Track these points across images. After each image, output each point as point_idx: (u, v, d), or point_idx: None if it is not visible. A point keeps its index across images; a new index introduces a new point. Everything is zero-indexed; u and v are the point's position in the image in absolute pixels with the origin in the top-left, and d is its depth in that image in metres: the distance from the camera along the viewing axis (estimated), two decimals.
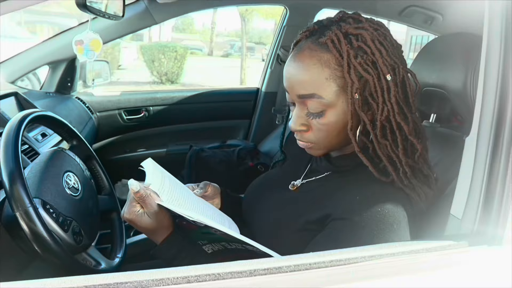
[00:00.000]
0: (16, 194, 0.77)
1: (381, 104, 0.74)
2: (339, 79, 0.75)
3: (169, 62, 10.77)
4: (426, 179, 0.79)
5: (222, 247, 0.83)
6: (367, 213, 0.71)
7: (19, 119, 0.89)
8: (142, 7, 1.93)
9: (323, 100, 0.76)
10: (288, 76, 0.80)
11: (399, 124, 0.74)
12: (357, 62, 0.73)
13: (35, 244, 0.79)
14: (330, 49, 0.75)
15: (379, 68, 0.73)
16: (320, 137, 0.80)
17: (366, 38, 0.74)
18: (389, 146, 0.75)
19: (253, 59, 15.57)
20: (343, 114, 0.77)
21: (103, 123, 2.24)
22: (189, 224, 0.79)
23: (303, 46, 0.78)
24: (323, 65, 0.75)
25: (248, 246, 0.75)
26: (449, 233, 0.69)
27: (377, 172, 0.77)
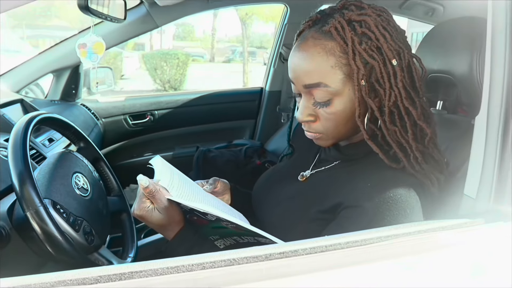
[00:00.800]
0: (26, 195, 0.77)
1: (388, 89, 0.73)
2: (345, 67, 0.74)
3: (171, 70, 10.81)
4: (437, 164, 0.78)
5: (234, 241, 0.82)
6: (379, 199, 0.70)
7: (26, 120, 0.89)
8: (143, 11, 1.94)
9: (330, 89, 0.75)
10: (293, 66, 0.79)
11: (407, 109, 0.74)
12: (362, 48, 0.73)
13: (47, 244, 0.78)
14: (334, 37, 0.74)
15: (384, 54, 0.73)
16: (328, 127, 0.80)
17: (369, 24, 0.74)
18: (398, 132, 0.75)
19: (254, 63, 15.59)
20: (350, 102, 0.76)
21: (109, 129, 2.25)
22: (200, 219, 0.79)
23: (307, 36, 0.78)
24: (327, 53, 0.74)
25: (261, 238, 0.74)
26: (464, 212, 0.68)
27: (387, 159, 0.76)
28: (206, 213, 0.74)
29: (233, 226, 0.74)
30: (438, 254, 0.57)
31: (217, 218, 0.74)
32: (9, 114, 1.36)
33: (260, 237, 0.74)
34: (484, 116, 0.68)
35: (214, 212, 0.73)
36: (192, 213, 0.78)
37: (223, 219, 0.73)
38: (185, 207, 0.77)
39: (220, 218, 0.73)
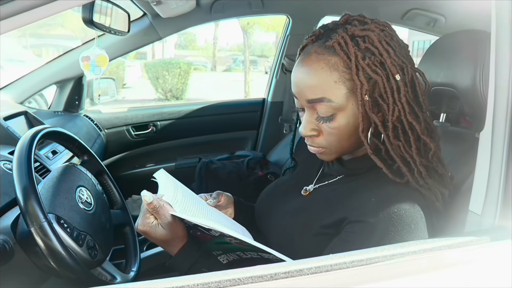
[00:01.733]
0: (30, 210, 0.77)
1: (392, 104, 0.73)
2: (348, 82, 0.74)
3: (173, 79, 10.86)
4: (441, 178, 0.78)
5: (237, 256, 0.82)
6: (383, 214, 0.70)
7: (31, 135, 0.90)
8: (146, 23, 1.96)
9: (333, 104, 0.75)
10: (296, 81, 0.79)
11: (411, 123, 0.74)
12: (365, 63, 0.73)
13: (51, 259, 0.78)
14: (337, 52, 0.74)
15: (387, 69, 0.73)
16: (331, 141, 0.79)
17: (373, 39, 0.74)
18: (402, 146, 0.75)
19: (256, 72, 15.65)
20: (353, 116, 0.76)
21: (111, 140, 2.25)
22: (203, 234, 0.78)
23: (310, 51, 0.78)
24: (331, 68, 0.74)
25: (264, 254, 0.74)
26: (470, 229, 0.68)
27: (391, 173, 0.76)
28: (209, 228, 0.74)
29: (237, 241, 0.74)
30: (445, 274, 0.56)
31: (221, 233, 0.74)
32: (13, 126, 1.36)
33: (263, 253, 0.73)
34: (489, 131, 0.68)
35: (217, 227, 0.73)
36: (195, 229, 0.78)
37: (227, 235, 0.73)
38: (188, 222, 0.77)
39: (223, 234, 0.73)
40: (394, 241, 0.68)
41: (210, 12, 2.00)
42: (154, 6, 1.67)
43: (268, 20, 11.89)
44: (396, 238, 0.68)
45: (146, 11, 1.89)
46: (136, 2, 1.69)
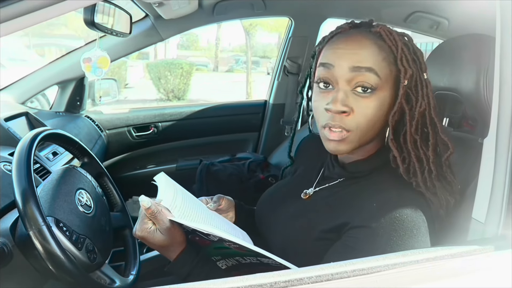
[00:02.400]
0: (29, 213, 0.77)
1: (420, 97, 0.77)
2: (392, 65, 0.77)
3: (175, 79, 10.86)
4: (449, 185, 0.77)
5: (236, 262, 0.81)
6: (385, 219, 0.70)
7: (31, 137, 0.89)
8: (148, 24, 1.95)
9: (378, 79, 0.75)
10: (342, 48, 0.77)
11: (433, 119, 0.77)
12: (407, 53, 0.77)
13: (49, 263, 0.78)
14: (383, 37, 0.78)
15: (418, 66, 0.78)
16: (360, 123, 0.76)
17: (408, 38, 0.81)
18: (419, 141, 0.77)
19: (258, 73, 15.65)
20: (385, 101, 0.77)
21: (112, 141, 2.25)
22: (202, 240, 0.78)
23: (353, 32, 0.80)
24: (379, 48, 0.77)
25: (264, 258, 0.73)
26: (473, 237, 0.67)
27: (403, 168, 0.76)
28: (208, 233, 0.73)
29: (236, 246, 0.73)
30: (448, 284, 0.55)
31: (220, 238, 0.73)
32: (14, 127, 1.36)
33: (263, 258, 0.73)
34: (493, 138, 0.68)
35: (216, 232, 0.72)
36: (194, 234, 0.77)
37: (226, 240, 0.72)
38: (187, 227, 0.76)
39: (222, 239, 0.72)
40: (396, 246, 0.67)
41: (212, 13, 1.99)
42: (156, 7, 1.66)
43: (270, 21, 11.88)
44: (398, 243, 0.68)
45: (148, 12, 1.89)
46: (138, 3, 1.69)
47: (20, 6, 0.64)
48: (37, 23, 0.69)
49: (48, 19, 0.68)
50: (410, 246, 0.67)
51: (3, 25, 0.65)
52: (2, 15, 0.64)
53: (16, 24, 0.66)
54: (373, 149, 0.84)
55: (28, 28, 0.71)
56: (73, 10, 0.69)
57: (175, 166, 2.37)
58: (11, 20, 0.65)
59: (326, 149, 0.81)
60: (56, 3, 0.65)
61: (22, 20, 0.66)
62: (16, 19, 0.66)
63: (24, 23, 0.67)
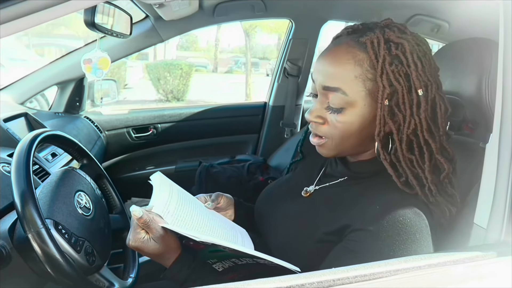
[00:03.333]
0: (28, 215, 0.76)
1: (409, 117, 0.73)
2: (368, 82, 0.75)
3: (174, 80, 10.85)
4: (450, 198, 0.76)
5: (233, 263, 0.80)
6: (388, 223, 0.69)
7: (30, 139, 0.89)
8: (148, 25, 1.95)
9: (346, 97, 0.75)
10: (319, 65, 0.80)
11: (427, 141, 0.73)
12: (391, 69, 0.73)
13: (48, 266, 0.77)
14: (367, 49, 0.75)
15: (411, 81, 0.73)
16: (334, 134, 0.79)
17: (405, 49, 0.74)
18: (415, 161, 0.74)
19: (257, 74, 15.63)
20: (362, 117, 0.76)
21: (112, 142, 2.24)
22: (196, 244, 0.77)
23: (342, 41, 0.79)
24: (356, 63, 0.75)
25: (260, 260, 0.73)
26: (475, 243, 0.67)
27: (401, 183, 0.75)
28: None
29: (231, 249, 0.73)
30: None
31: (213, 244, 0.72)
32: (13, 128, 1.35)
33: (258, 258, 0.72)
34: (495, 143, 0.67)
35: (208, 239, 0.71)
36: (188, 239, 0.77)
37: (219, 245, 0.72)
38: (179, 234, 0.75)
39: (216, 244, 0.72)
40: (399, 250, 0.67)
41: (213, 15, 1.99)
42: (157, 8, 1.66)
43: (270, 22, 11.88)
44: (401, 248, 0.67)
45: (148, 13, 1.88)
46: (138, 4, 1.68)
47: (22, 7, 0.64)
48: (38, 24, 0.69)
49: (49, 20, 0.68)
50: (412, 250, 0.67)
51: (4, 26, 0.65)
52: (4, 16, 0.64)
53: (16, 25, 0.66)
54: (375, 153, 0.84)
55: None
56: (74, 11, 0.69)
57: (174, 167, 2.36)
58: (11, 21, 0.65)
59: None
60: (57, 5, 0.65)
61: (22, 21, 0.66)
62: (16, 20, 0.65)
63: (25, 25, 0.67)
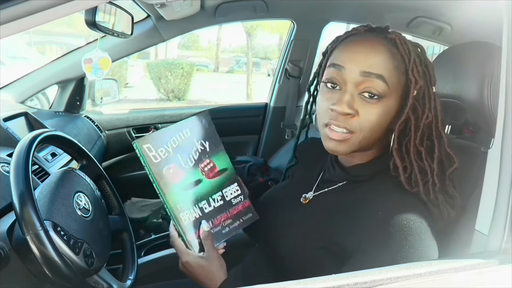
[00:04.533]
0: (26, 217, 0.76)
1: (427, 110, 0.76)
2: (402, 75, 0.77)
3: (175, 79, 10.85)
4: (451, 199, 0.76)
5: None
6: (393, 229, 0.69)
7: (29, 140, 0.88)
8: (150, 25, 1.94)
9: (386, 87, 0.75)
10: (356, 51, 0.77)
11: (440, 133, 0.77)
12: (417, 64, 0.76)
13: (46, 268, 0.77)
14: (397, 45, 0.77)
15: (427, 78, 0.78)
16: (363, 127, 0.76)
17: (421, 49, 0.80)
18: (424, 153, 0.76)
19: (258, 74, 15.62)
20: (390, 109, 0.77)
21: (112, 142, 2.24)
22: (175, 172, 0.81)
23: (368, 36, 0.79)
24: (392, 55, 0.76)
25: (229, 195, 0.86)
26: (476, 250, 0.66)
27: (405, 177, 0.75)
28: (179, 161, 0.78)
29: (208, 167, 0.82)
30: None
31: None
32: (13, 128, 1.35)
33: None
34: (498, 149, 0.67)
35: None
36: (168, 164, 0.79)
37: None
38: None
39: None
40: (411, 254, 0.67)
41: (214, 15, 1.98)
42: (158, 8, 1.65)
43: (272, 22, 11.87)
44: (411, 251, 0.67)
45: (150, 13, 1.88)
46: (140, 4, 1.68)
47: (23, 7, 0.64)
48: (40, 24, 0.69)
49: (51, 21, 0.68)
50: (422, 250, 0.68)
51: (5, 26, 0.65)
52: (6, 16, 0.63)
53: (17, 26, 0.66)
54: (374, 154, 0.84)
55: None
56: (77, 11, 0.69)
57: None
58: (12, 22, 0.65)
59: (325, 148, 0.81)
60: (60, 5, 0.64)
61: (24, 21, 0.65)
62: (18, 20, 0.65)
63: (27, 24, 0.66)
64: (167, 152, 0.80)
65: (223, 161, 0.85)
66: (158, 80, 10.95)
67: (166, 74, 10.83)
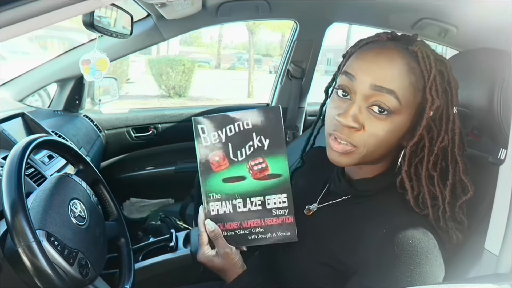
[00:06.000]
0: (18, 227, 0.73)
1: (444, 132, 0.72)
2: (418, 92, 0.72)
3: (177, 76, 10.81)
4: (459, 225, 0.74)
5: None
6: (398, 248, 0.66)
7: (23, 146, 0.85)
8: (150, 24, 1.91)
9: (397, 103, 0.70)
10: (371, 62, 0.72)
11: (456, 158, 0.72)
12: (437, 83, 0.71)
13: (38, 280, 0.74)
14: (418, 59, 0.72)
15: (449, 98, 0.72)
16: (367, 143, 0.73)
17: (446, 65, 0.73)
18: (436, 179, 0.72)
19: (260, 72, 15.60)
20: (400, 126, 0.72)
21: (111, 141, 2.22)
22: (219, 162, 0.80)
23: (390, 45, 0.74)
24: (410, 70, 0.71)
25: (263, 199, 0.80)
26: (485, 271, 0.63)
27: (413, 198, 0.73)
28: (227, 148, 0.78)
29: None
30: None
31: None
32: (9, 129, 1.32)
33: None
34: (509, 164, 0.64)
35: None
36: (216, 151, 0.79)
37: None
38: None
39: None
40: (416, 274, 0.65)
41: (216, 14, 1.95)
42: (159, 8, 1.62)
43: (274, 21, 11.81)
44: (417, 272, 0.65)
45: (150, 12, 1.85)
46: (140, 3, 1.65)
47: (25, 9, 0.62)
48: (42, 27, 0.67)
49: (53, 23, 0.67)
50: (428, 271, 0.65)
51: (6, 29, 0.63)
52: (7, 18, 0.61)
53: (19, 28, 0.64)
54: (382, 168, 0.81)
55: None
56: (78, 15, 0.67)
57: (174, 168, 2.33)
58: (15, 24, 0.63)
59: (328, 157, 0.78)
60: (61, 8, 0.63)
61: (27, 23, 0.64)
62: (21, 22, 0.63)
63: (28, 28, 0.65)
64: (219, 138, 0.78)
65: (279, 166, 0.77)
66: (159, 77, 10.92)
67: (167, 71, 10.79)
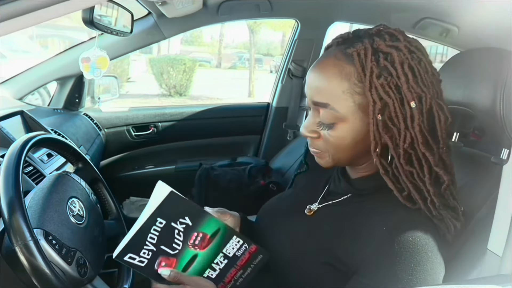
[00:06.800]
0: (15, 226, 0.72)
1: (403, 130, 0.70)
2: (357, 96, 0.71)
3: (177, 75, 10.80)
4: (453, 212, 0.73)
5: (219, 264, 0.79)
6: (399, 246, 0.66)
7: (21, 144, 0.85)
8: (151, 22, 1.90)
9: (336, 113, 0.72)
10: (309, 81, 0.77)
11: (424, 154, 0.70)
12: (379, 82, 0.69)
13: (35, 280, 0.73)
14: (354, 62, 0.70)
15: (403, 93, 0.69)
16: (329, 148, 0.77)
17: (394, 59, 0.69)
18: (416, 174, 0.71)
19: (261, 71, 15.57)
20: (354, 131, 0.73)
21: (111, 140, 2.21)
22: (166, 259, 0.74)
23: (331, 53, 0.75)
24: (343, 77, 0.71)
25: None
26: (488, 272, 0.63)
27: (402, 198, 0.72)
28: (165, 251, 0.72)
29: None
30: None
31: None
32: (8, 127, 1.31)
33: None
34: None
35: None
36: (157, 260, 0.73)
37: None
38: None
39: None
40: (416, 272, 0.65)
41: (217, 13, 1.94)
42: (159, 6, 1.61)
43: (275, 20, 11.79)
44: (418, 270, 0.65)
45: (151, 10, 1.84)
46: (140, 1, 1.64)
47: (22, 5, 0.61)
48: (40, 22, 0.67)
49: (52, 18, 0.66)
50: (429, 269, 0.65)
51: (5, 23, 0.62)
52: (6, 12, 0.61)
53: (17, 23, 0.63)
54: (374, 167, 0.80)
55: None
56: (77, 10, 0.67)
57: (174, 167, 2.33)
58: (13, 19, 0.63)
59: None
60: (59, 3, 0.62)
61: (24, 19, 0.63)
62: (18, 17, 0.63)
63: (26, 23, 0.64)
64: (150, 251, 0.73)
65: (211, 225, 0.74)
66: (160, 76, 10.90)
67: (168, 70, 10.77)
